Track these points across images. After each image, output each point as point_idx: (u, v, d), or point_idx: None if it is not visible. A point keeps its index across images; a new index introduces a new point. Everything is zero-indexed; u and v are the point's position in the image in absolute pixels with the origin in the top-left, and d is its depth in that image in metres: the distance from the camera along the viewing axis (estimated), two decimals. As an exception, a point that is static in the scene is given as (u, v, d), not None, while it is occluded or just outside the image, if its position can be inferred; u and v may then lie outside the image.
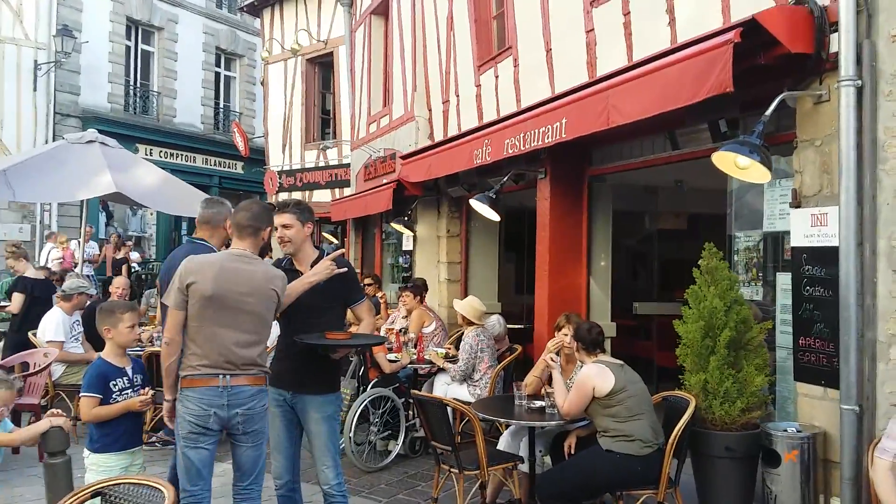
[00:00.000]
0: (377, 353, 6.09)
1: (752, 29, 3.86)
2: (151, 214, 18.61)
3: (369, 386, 6.10)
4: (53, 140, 15.29)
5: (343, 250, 6.16)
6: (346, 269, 3.99)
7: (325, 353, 3.90)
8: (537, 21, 6.88)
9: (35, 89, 16.31)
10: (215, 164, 20.23)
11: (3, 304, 8.22)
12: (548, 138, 5.51)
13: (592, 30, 6.11)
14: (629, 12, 5.67)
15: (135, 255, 14.56)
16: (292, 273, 3.91)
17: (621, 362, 4.32)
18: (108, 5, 17.71)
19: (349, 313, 4.24)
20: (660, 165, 6.01)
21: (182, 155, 19.23)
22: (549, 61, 6.75)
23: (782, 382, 4.64)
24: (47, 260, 12.17)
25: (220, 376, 3.49)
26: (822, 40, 4.03)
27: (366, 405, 5.86)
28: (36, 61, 16.29)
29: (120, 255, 13.86)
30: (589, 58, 6.16)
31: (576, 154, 6.58)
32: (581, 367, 4.50)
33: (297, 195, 15.36)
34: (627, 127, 4.76)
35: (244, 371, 3.54)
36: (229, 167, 20.51)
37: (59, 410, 3.90)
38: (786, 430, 4.04)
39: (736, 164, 4.07)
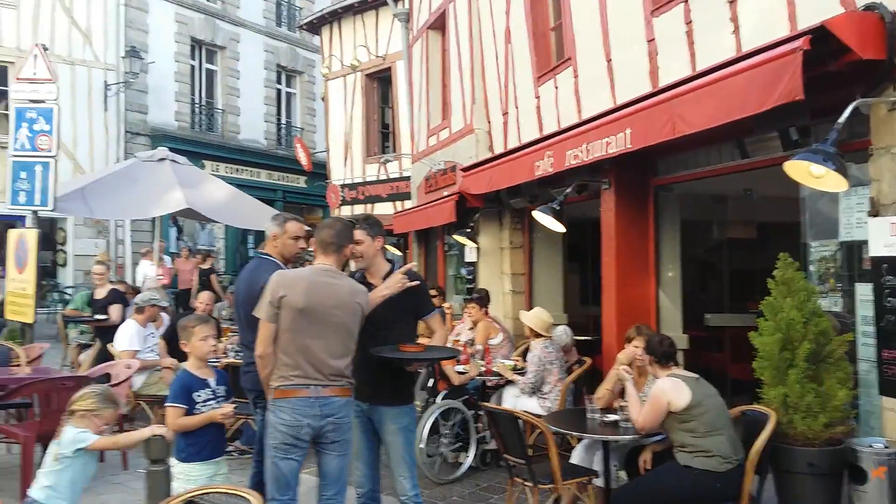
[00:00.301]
0: (445, 366, 6.14)
1: (821, 36, 3.79)
2: (219, 228, 19.03)
3: (439, 398, 6.15)
4: (125, 158, 15.91)
5: (414, 263, 6.25)
6: (417, 282, 4.07)
7: (400, 365, 3.98)
8: (597, 32, 6.84)
9: (106, 109, 16.98)
10: (279, 179, 20.71)
11: (98, 317, 8.35)
12: (612, 148, 5.46)
13: (654, 39, 6.06)
14: (691, 21, 5.60)
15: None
16: (365, 286, 3.98)
17: (697, 376, 4.26)
18: (173, 26, 18.34)
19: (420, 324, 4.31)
20: (728, 174, 5.91)
21: (247, 170, 19.72)
22: (609, 72, 6.72)
23: (865, 396, 4.49)
24: (144, 278, 11.77)
25: (312, 387, 3.60)
26: (895, 46, 3.93)
27: (436, 417, 5.90)
28: (106, 82, 16.97)
29: (206, 266, 13.89)
30: (651, 67, 6.10)
31: (640, 164, 6.51)
32: (653, 379, 4.46)
33: (359, 208, 15.61)
34: (694, 136, 4.70)
35: (333, 382, 3.64)
36: (293, 181, 20.95)
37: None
38: (871, 446, 3.93)
39: (810, 173, 3.98)
